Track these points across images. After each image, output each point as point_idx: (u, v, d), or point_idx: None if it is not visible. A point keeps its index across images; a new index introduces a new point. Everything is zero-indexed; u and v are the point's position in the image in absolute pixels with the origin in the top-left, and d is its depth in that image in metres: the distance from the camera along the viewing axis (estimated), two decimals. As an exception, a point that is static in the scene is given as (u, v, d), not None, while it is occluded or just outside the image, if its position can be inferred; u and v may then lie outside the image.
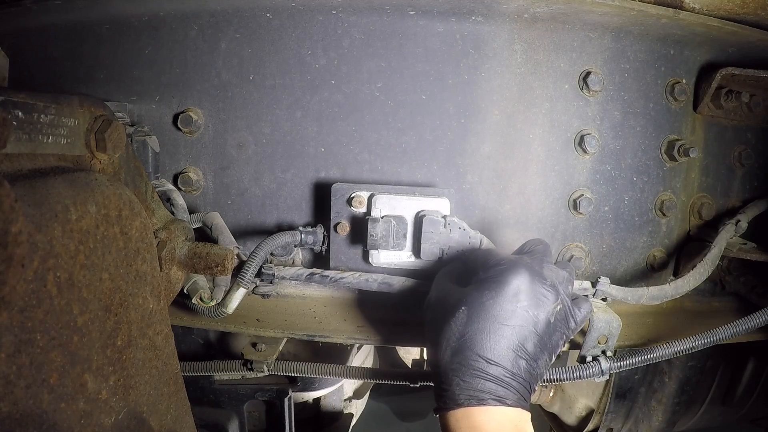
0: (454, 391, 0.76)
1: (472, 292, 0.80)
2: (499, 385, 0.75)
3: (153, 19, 1.05)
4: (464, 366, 0.76)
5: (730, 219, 1.15)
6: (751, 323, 0.96)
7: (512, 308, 0.78)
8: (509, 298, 0.78)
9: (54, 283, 0.55)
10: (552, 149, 1.09)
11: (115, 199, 0.66)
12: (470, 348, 0.76)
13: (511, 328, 0.77)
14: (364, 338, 1.07)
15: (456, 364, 0.77)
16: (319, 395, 1.52)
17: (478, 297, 0.79)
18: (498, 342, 0.77)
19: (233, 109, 1.07)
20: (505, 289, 0.79)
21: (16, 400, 0.50)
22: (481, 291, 0.80)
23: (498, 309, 0.78)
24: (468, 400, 0.75)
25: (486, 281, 0.80)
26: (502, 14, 1.01)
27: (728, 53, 1.15)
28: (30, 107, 0.60)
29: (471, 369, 0.76)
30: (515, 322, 0.78)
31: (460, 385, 0.76)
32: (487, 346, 0.76)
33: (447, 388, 0.77)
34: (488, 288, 0.79)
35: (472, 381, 0.76)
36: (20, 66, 1.10)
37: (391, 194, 1.00)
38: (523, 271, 0.80)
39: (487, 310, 0.78)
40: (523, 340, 0.78)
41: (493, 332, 0.77)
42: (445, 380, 0.78)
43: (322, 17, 1.03)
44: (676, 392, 1.52)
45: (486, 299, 0.78)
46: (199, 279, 0.99)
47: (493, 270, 0.81)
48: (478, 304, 0.78)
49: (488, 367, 0.76)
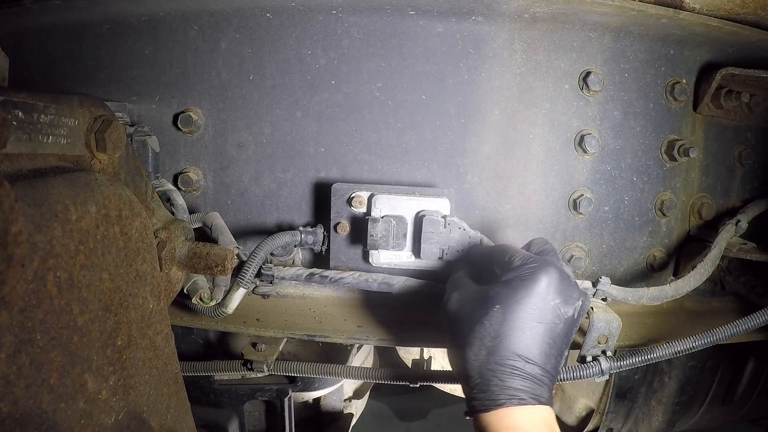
0: (492, 391, 0.76)
1: (505, 291, 0.80)
2: (536, 384, 0.76)
3: (153, 19, 1.05)
4: (502, 365, 0.76)
5: (730, 219, 1.15)
6: (751, 323, 0.96)
7: (546, 306, 0.78)
8: (543, 296, 0.78)
9: (54, 283, 0.55)
10: (552, 149, 1.09)
11: (115, 199, 0.66)
12: (508, 347, 0.76)
13: (545, 326, 0.78)
14: (364, 338, 1.07)
15: (493, 364, 0.76)
16: (319, 395, 1.52)
17: (512, 295, 0.79)
18: (534, 340, 0.77)
19: (233, 109, 1.07)
20: (539, 287, 0.79)
21: (16, 400, 0.50)
22: (514, 289, 0.79)
23: (533, 307, 0.78)
24: (509, 400, 0.75)
25: (518, 279, 0.80)
26: (502, 14, 1.01)
27: (728, 53, 1.15)
28: (30, 107, 0.60)
29: (509, 368, 0.76)
30: (549, 319, 0.78)
31: (498, 385, 0.76)
32: (525, 345, 0.77)
33: (485, 389, 0.77)
34: (522, 286, 0.79)
35: (511, 380, 0.76)
36: (20, 66, 1.10)
37: (391, 194, 1.00)
38: (554, 268, 0.80)
39: (523, 308, 0.77)
40: (555, 337, 0.79)
41: (529, 330, 0.77)
42: (482, 381, 0.77)
43: (322, 17, 1.03)
44: (676, 392, 1.52)
45: (520, 297, 0.78)
46: (199, 279, 0.99)
47: (523, 268, 0.81)
48: (512, 302, 0.78)
49: (526, 365, 0.76)
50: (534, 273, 0.79)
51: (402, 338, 1.10)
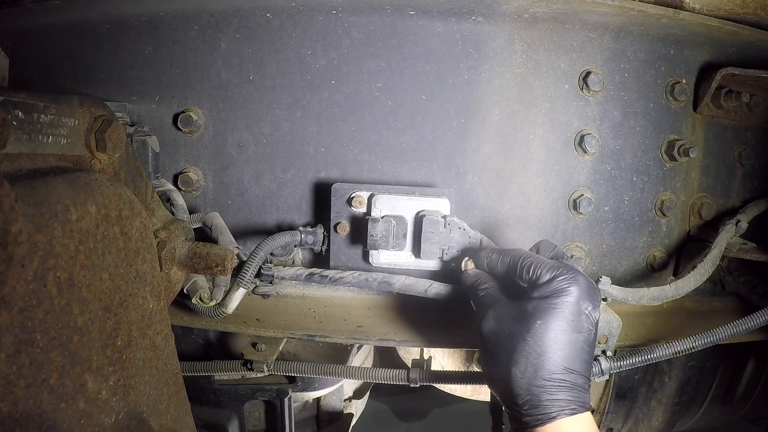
0: (544, 406, 0.77)
1: (543, 305, 0.80)
2: (582, 392, 0.79)
3: (153, 19, 1.05)
4: (550, 380, 0.77)
5: (730, 219, 1.15)
6: (751, 323, 0.96)
7: (581, 315, 0.80)
8: (578, 306, 0.80)
9: (54, 283, 0.55)
10: (552, 149, 1.09)
11: (115, 199, 0.66)
12: (554, 361, 0.78)
13: (583, 335, 0.80)
14: (364, 338, 1.06)
15: (541, 380, 0.77)
16: (319, 395, 1.52)
17: (551, 309, 0.79)
18: (575, 350, 0.79)
19: (233, 109, 1.07)
20: (575, 297, 0.80)
21: (16, 400, 0.50)
22: (552, 301, 0.80)
23: (571, 318, 0.79)
24: (560, 412, 0.76)
25: (554, 293, 0.81)
26: (502, 14, 1.01)
27: (728, 53, 1.15)
28: (30, 107, 0.60)
29: (557, 382, 0.77)
30: (585, 327, 0.80)
31: (549, 399, 0.77)
32: (569, 356, 0.78)
33: (536, 405, 0.77)
34: (559, 299, 0.80)
35: (560, 393, 0.77)
36: (20, 66, 1.10)
37: (391, 194, 1.00)
38: (582, 277, 0.82)
39: (563, 321, 0.79)
40: (590, 342, 0.81)
41: (573, 342, 0.79)
42: (532, 397, 0.78)
43: (322, 17, 1.03)
44: (676, 392, 1.52)
45: (559, 310, 0.79)
46: (199, 279, 0.99)
47: (556, 281, 0.81)
48: (552, 316, 0.79)
49: (571, 376, 0.78)
50: (570, 283, 0.81)
51: (402, 338, 1.10)
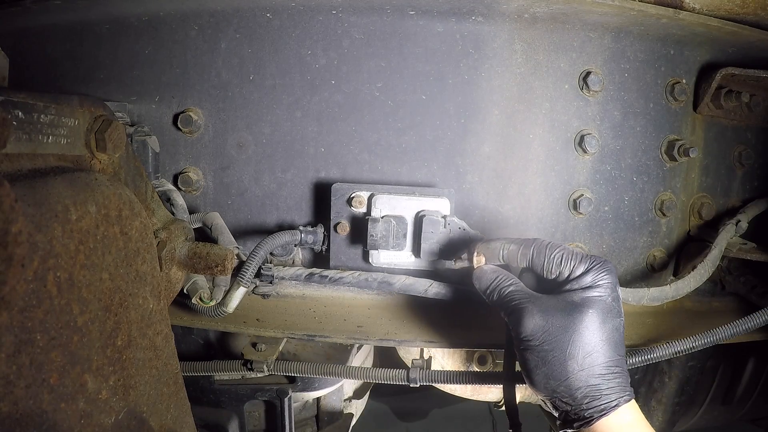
0: (606, 395, 0.77)
1: (588, 295, 0.81)
2: (628, 376, 0.81)
3: (153, 19, 1.05)
4: (608, 368, 0.78)
5: (730, 219, 1.15)
6: (751, 323, 0.96)
7: (619, 300, 0.83)
8: (616, 292, 0.83)
9: (54, 283, 0.55)
10: (552, 149, 1.09)
11: (115, 199, 0.66)
12: (608, 349, 0.79)
13: (621, 319, 0.82)
14: (364, 338, 1.06)
15: (600, 369, 0.78)
16: (319, 395, 1.52)
17: (598, 298, 0.80)
18: (620, 334, 0.81)
19: (233, 109, 1.07)
20: (613, 285, 0.82)
21: (16, 400, 0.50)
22: (596, 292, 0.81)
23: (614, 304, 0.81)
24: (620, 399, 0.77)
25: (594, 282, 0.82)
26: (502, 14, 1.01)
27: (728, 53, 1.15)
28: (30, 107, 0.60)
29: (613, 368, 0.79)
30: (622, 312, 0.83)
31: (610, 387, 0.78)
32: (618, 342, 0.80)
33: (597, 395, 0.77)
34: (601, 287, 0.81)
35: (616, 380, 0.79)
36: (20, 66, 1.10)
37: (391, 194, 1.00)
38: (610, 263, 0.84)
39: (609, 308, 0.80)
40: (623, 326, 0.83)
41: (618, 327, 0.81)
42: (591, 388, 0.78)
43: (322, 17, 1.03)
44: (676, 392, 1.52)
45: (604, 298, 0.81)
46: (199, 279, 0.99)
47: (595, 272, 0.82)
48: (600, 305, 0.80)
49: (621, 361, 0.80)
50: (606, 274, 0.82)
51: (402, 338, 1.10)
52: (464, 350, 1.52)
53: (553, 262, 0.84)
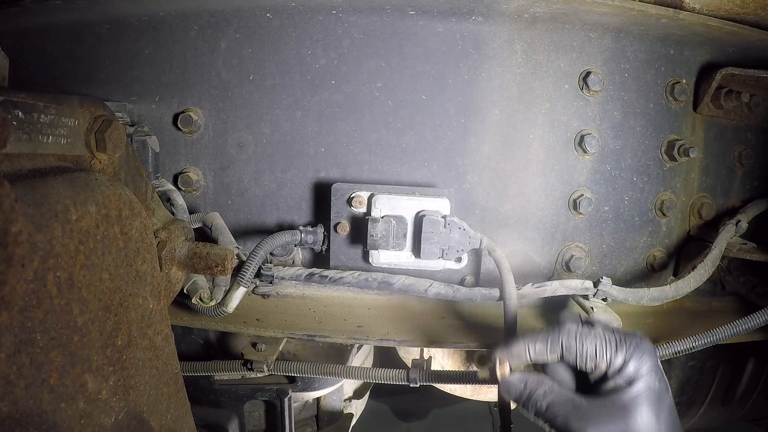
0: None
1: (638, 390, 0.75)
2: None
3: (153, 19, 1.05)
4: None
5: (730, 219, 1.15)
6: (751, 323, 0.96)
7: (664, 377, 0.78)
8: (660, 370, 0.77)
9: (54, 283, 0.55)
10: (552, 149, 1.09)
11: (115, 199, 0.66)
12: None
13: (670, 395, 0.77)
14: (364, 338, 1.07)
15: None
16: (319, 395, 1.52)
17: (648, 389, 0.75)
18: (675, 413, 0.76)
19: (233, 109, 1.07)
20: (656, 366, 0.77)
21: (16, 400, 0.50)
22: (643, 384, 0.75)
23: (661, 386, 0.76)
24: None
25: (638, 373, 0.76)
26: (502, 14, 1.01)
27: (728, 53, 1.15)
28: (30, 107, 0.60)
29: None
30: (668, 385, 0.78)
31: None
32: (676, 422, 0.76)
33: None
34: (645, 375, 0.75)
35: None
36: (20, 66, 1.10)
37: (391, 194, 1.00)
38: (645, 340, 0.78)
39: (660, 395, 0.75)
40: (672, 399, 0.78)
41: (672, 406, 0.76)
42: None
43: (322, 17, 1.03)
44: (676, 392, 1.52)
45: (653, 386, 0.75)
46: (199, 279, 0.99)
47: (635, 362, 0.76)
48: (652, 396, 0.75)
49: None
50: (647, 360, 0.76)
51: (402, 338, 1.10)
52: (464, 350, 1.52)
53: (587, 357, 0.77)
